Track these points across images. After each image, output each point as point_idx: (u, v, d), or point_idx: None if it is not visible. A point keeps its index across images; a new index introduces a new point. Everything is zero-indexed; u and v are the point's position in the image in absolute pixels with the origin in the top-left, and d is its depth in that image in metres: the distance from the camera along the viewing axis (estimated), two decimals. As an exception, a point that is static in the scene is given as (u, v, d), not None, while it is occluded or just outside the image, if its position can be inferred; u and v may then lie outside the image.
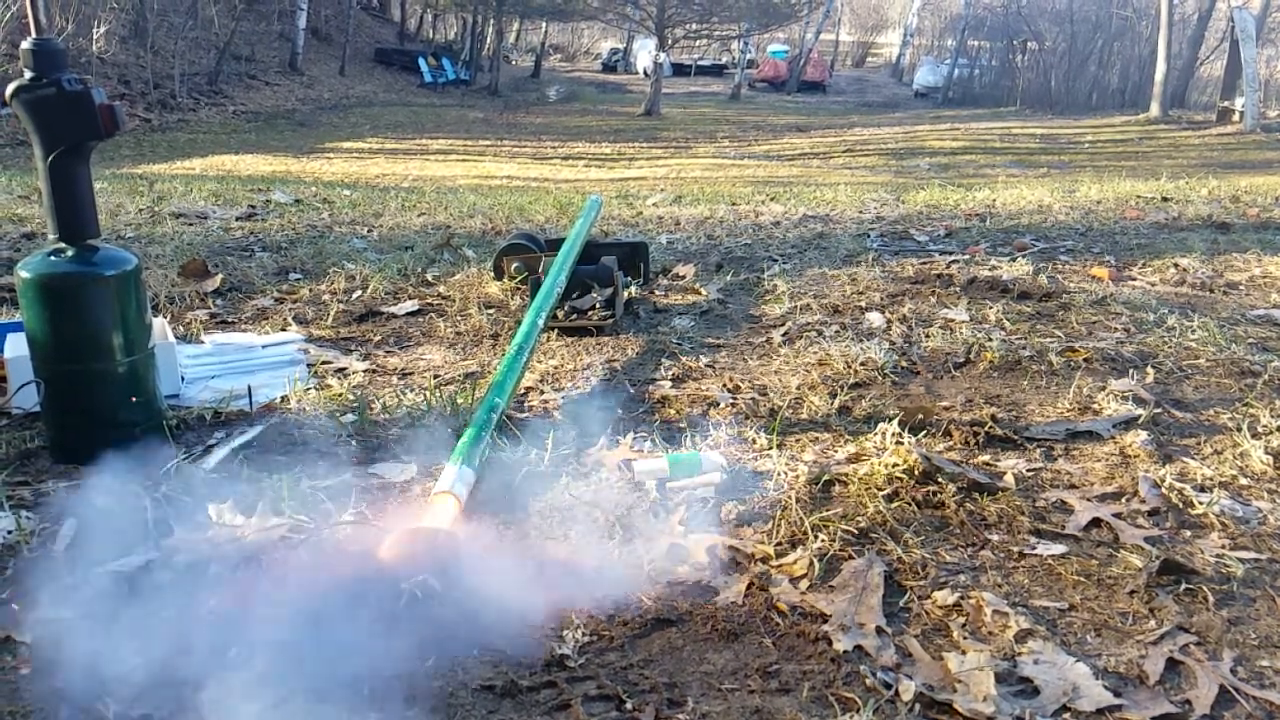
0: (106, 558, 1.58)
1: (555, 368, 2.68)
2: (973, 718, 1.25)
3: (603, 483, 1.92)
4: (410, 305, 3.30)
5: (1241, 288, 3.67)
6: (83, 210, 1.90)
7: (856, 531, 1.72)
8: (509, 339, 2.81)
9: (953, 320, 3.13)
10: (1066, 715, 1.26)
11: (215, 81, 21.59)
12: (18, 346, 2.11)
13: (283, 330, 2.96)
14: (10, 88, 1.80)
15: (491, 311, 3.23)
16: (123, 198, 5.77)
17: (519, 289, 3.43)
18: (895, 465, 1.95)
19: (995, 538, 1.73)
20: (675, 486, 1.90)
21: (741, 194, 6.76)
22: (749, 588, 1.55)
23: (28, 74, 1.80)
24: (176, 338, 2.59)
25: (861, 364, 2.67)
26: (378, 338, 2.95)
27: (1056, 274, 3.86)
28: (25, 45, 1.80)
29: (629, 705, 1.27)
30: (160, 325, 2.35)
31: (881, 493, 1.86)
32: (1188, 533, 1.76)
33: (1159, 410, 2.32)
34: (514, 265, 3.52)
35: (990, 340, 2.87)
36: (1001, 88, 22.40)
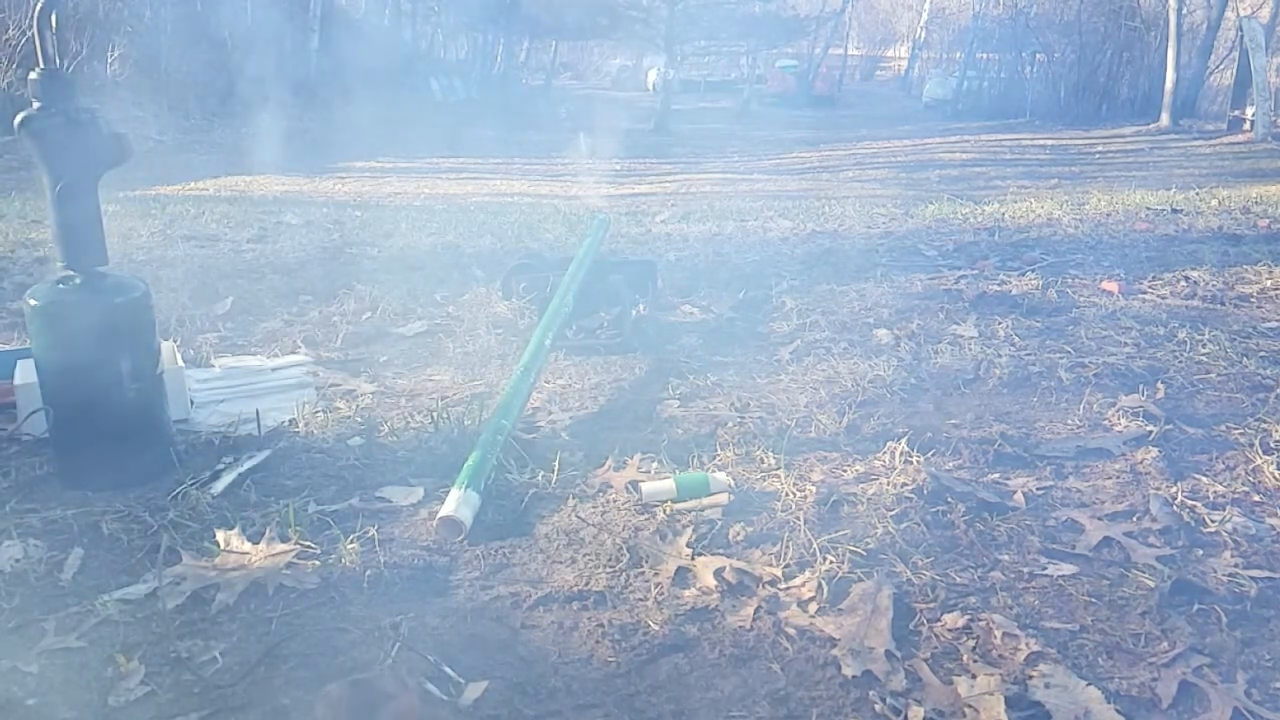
0: (113, 585, 1.59)
1: (563, 387, 2.68)
2: (983, 744, 1.23)
3: (610, 504, 1.92)
4: (419, 326, 3.31)
5: (1253, 300, 3.64)
6: (91, 238, 1.92)
7: (865, 553, 1.71)
8: (517, 359, 2.82)
9: (962, 336, 3.11)
10: (1078, 741, 1.25)
11: (228, 102, 21.78)
12: (27, 373, 2.12)
13: (292, 353, 2.97)
14: (19, 118, 1.81)
15: (500, 331, 3.24)
16: (134, 221, 5.81)
17: (527, 309, 3.43)
18: (904, 485, 1.94)
19: (1005, 558, 1.71)
20: (683, 508, 1.89)
21: (750, 209, 6.77)
22: (757, 611, 1.54)
23: (35, 104, 1.82)
24: (186, 361, 2.60)
25: (870, 381, 2.66)
26: (386, 359, 2.96)
27: (1066, 288, 3.84)
28: (33, 75, 1.82)
29: (635, 733, 1.26)
30: (169, 349, 2.36)
31: (890, 513, 1.85)
32: (1200, 551, 1.74)
33: (1170, 426, 2.30)
34: (522, 285, 3.53)
35: (999, 356, 2.85)
36: (1010, 99, 22.32)
